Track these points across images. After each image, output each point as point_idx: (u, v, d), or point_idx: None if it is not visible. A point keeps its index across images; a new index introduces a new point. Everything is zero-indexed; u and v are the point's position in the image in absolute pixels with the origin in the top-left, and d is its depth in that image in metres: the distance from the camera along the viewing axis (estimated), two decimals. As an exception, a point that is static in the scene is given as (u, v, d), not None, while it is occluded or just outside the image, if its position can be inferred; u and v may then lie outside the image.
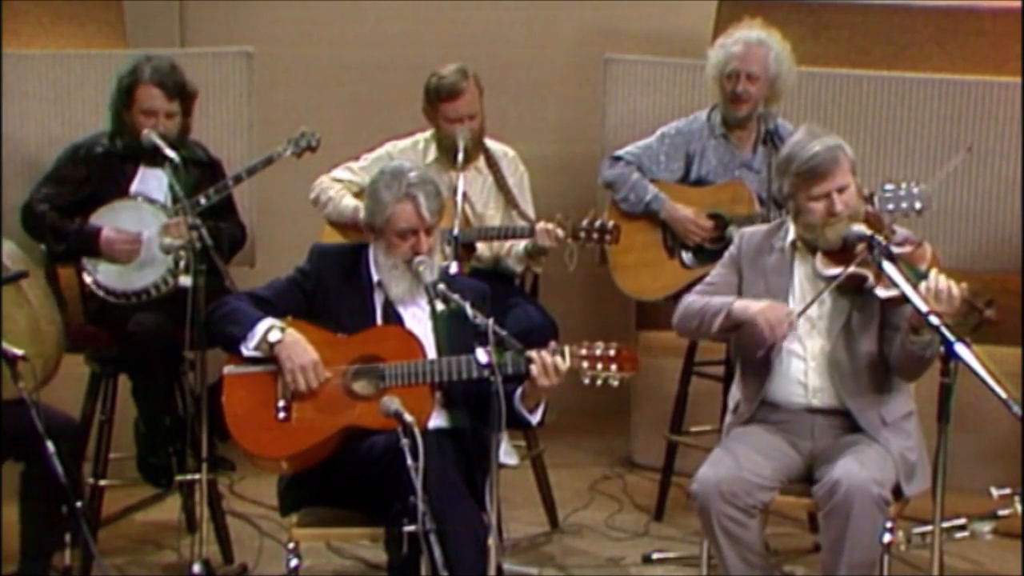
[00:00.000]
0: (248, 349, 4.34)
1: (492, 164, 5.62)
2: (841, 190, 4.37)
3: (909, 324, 4.23)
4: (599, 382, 4.28)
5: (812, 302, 4.40)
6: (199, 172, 5.33)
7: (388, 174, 4.45)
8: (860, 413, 4.43)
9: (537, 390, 4.24)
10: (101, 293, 5.19)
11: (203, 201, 5.15)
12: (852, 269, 4.30)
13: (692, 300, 4.58)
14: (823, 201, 4.37)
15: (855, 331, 4.43)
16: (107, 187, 5.25)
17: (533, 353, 4.20)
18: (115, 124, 5.28)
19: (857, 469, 4.25)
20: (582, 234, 5.32)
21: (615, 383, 4.29)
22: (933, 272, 4.19)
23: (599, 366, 4.27)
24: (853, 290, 4.40)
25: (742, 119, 5.57)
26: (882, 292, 4.28)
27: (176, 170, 4.96)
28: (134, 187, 5.27)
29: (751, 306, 4.41)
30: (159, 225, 5.14)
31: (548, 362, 4.18)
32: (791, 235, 4.52)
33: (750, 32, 5.53)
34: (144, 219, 5.18)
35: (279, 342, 4.31)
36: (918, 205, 5.13)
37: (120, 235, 5.16)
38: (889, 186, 5.09)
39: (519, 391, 4.26)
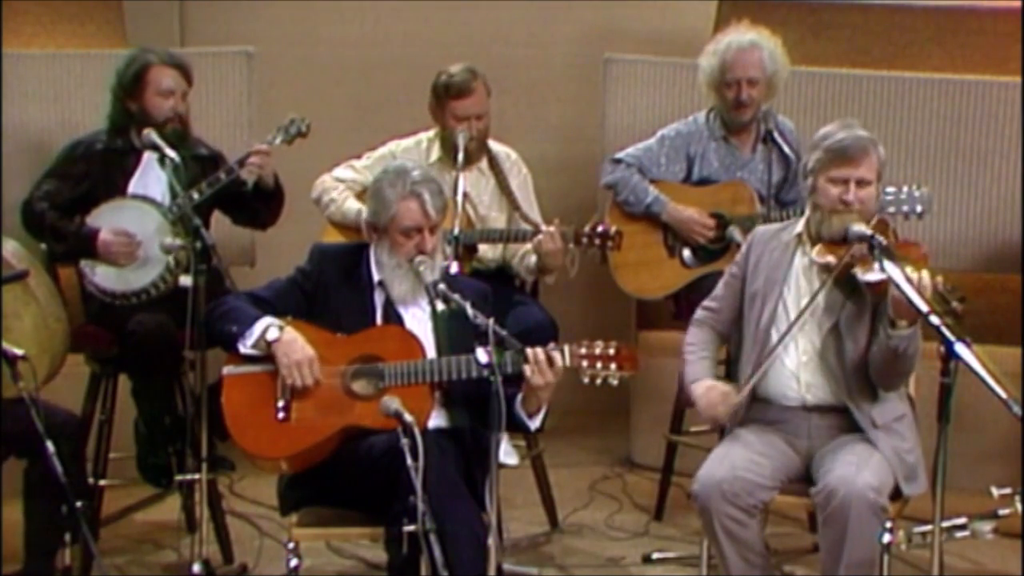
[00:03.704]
0: (246, 347, 4.34)
1: (495, 166, 5.62)
2: (860, 184, 4.37)
3: (888, 317, 4.24)
4: (599, 381, 4.28)
5: (808, 306, 4.40)
6: (199, 167, 5.32)
7: (392, 173, 4.46)
8: (854, 412, 4.43)
9: (535, 392, 4.23)
10: (99, 295, 5.18)
11: (196, 196, 5.13)
12: (845, 261, 4.31)
13: (688, 336, 4.64)
14: (840, 186, 4.37)
15: (843, 331, 4.42)
16: (106, 184, 5.25)
17: (528, 350, 4.19)
18: (119, 118, 5.27)
19: (853, 476, 4.25)
20: (584, 239, 5.31)
21: (615, 382, 4.29)
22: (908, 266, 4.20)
23: (599, 365, 4.27)
24: (846, 285, 4.39)
25: (747, 123, 5.57)
26: (862, 276, 4.28)
27: (176, 169, 4.97)
28: (133, 183, 5.26)
29: (697, 387, 4.50)
30: (157, 225, 5.13)
31: (540, 357, 4.18)
32: (799, 228, 4.52)
33: (740, 36, 5.52)
34: (141, 219, 5.18)
35: (276, 340, 4.31)
36: (919, 208, 5.14)
37: (117, 238, 5.15)
38: (890, 189, 5.09)
39: (520, 396, 4.26)
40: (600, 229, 5.33)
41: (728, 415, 4.45)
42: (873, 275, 4.24)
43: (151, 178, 5.21)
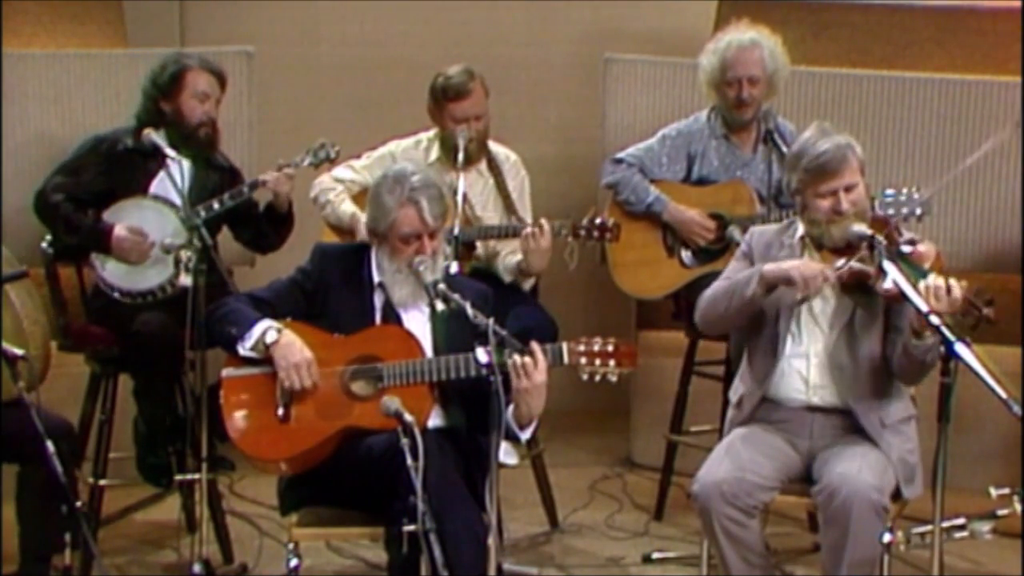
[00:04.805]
0: (245, 349, 4.34)
1: (494, 167, 5.62)
2: (848, 189, 4.38)
3: (911, 327, 4.23)
4: (597, 378, 4.27)
5: (848, 263, 4.36)
6: (219, 176, 5.35)
7: (391, 178, 4.42)
8: (861, 414, 4.43)
9: (523, 399, 4.16)
10: (106, 290, 5.19)
11: (216, 206, 5.15)
12: (854, 263, 4.31)
13: (715, 286, 4.58)
14: (830, 199, 4.38)
15: (857, 331, 4.43)
16: (126, 183, 5.25)
17: (516, 357, 4.15)
18: (148, 118, 5.26)
19: (856, 475, 4.25)
20: (582, 232, 5.32)
21: (614, 378, 4.28)
22: (933, 273, 4.20)
23: (597, 362, 4.26)
24: (857, 289, 4.40)
25: (747, 122, 5.57)
26: (880, 286, 4.28)
27: (180, 170, 4.98)
28: (154, 185, 5.26)
29: (783, 263, 4.42)
30: (173, 228, 5.12)
31: (517, 362, 4.12)
32: (800, 231, 4.52)
33: (740, 34, 5.52)
34: (158, 220, 5.18)
35: (275, 343, 4.30)
36: (918, 210, 5.13)
37: (131, 235, 5.15)
38: (890, 191, 5.08)
39: (511, 408, 4.21)
40: (598, 221, 5.33)
41: (820, 289, 4.37)
42: (889, 282, 4.23)
43: (170, 183, 5.20)
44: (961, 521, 4.27)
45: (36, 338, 4.69)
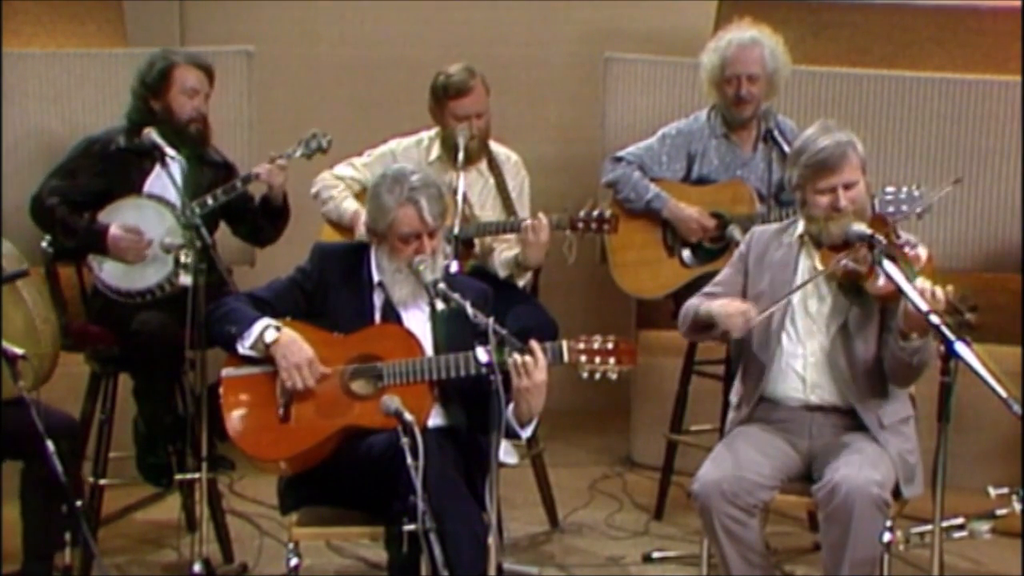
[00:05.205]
0: (244, 348, 4.34)
1: (494, 168, 5.62)
2: (848, 186, 4.38)
3: (898, 329, 4.24)
4: (597, 376, 4.27)
5: (795, 290, 4.42)
6: (213, 172, 5.34)
7: (390, 178, 4.42)
8: (861, 413, 4.43)
9: (524, 397, 4.16)
10: (104, 291, 5.19)
11: (210, 201, 5.15)
12: (844, 262, 4.32)
13: (687, 304, 4.61)
14: (828, 195, 4.38)
15: (852, 332, 4.43)
16: (122, 183, 5.25)
17: (516, 355, 4.16)
18: (139, 117, 5.26)
19: (857, 471, 4.25)
20: (580, 224, 5.32)
21: (613, 376, 4.28)
22: (920, 277, 4.20)
23: (597, 359, 4.26)
24: (852, 290, 4.40)
25: (747, 120, 5.57)
26: (871, 286, 4.29)
27: (179, 168, 4.97)
28: (149, 183, 5.27)
29: (714, 302, 4.46)
30: (169, 226, 5.12)
31: (518, 361, 4.13)
32: (799, 230, 4.53)
33: (741, 33, 5.53)
34: (154, 219, 5.18)
35: (275, 342, 4.30)
36: (918, 209, 5.13)
37: (127, 234, 5.15)
38: (890, 189, 5.09)
39: (511, 405, 4.22)
40: (596, 213, 5.34)
41: (744, 328, 4.40)
42: (881, 281, 4.24)
43: (168, 179, 5.20)
44: (961, 521, 4.27)
45: (47, 336, 4.71)
